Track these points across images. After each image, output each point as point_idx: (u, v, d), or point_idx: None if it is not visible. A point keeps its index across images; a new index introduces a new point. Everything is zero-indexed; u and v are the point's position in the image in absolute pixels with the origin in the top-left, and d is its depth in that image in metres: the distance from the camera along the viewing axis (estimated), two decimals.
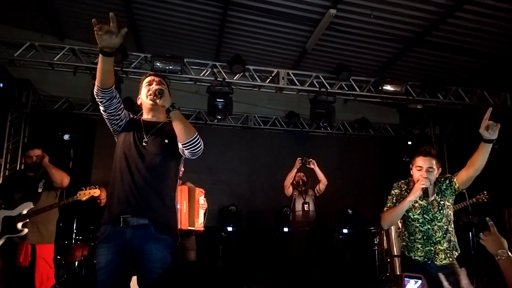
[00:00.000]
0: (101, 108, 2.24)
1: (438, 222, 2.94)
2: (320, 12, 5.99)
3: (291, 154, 7.01)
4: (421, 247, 2.95)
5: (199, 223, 4.35)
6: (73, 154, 6.74)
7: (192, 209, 4.28)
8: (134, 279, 2.16)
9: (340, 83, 6.83)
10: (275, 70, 6.71)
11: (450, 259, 2.92)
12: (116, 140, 2.36)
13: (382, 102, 7.50)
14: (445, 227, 2.95)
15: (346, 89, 6.93)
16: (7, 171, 7.19)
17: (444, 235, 2.94)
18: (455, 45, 6.55)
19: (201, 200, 4.42)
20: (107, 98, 2.18)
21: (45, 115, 7.57)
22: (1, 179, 7.09)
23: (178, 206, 3.00)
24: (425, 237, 2.94)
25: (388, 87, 6.68)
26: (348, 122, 8.70)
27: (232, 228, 7.47)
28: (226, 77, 6.49)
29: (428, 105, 7.16)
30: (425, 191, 2.86)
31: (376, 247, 6.48)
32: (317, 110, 6.71)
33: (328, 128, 7.83)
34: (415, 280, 2.16)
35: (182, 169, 2.55)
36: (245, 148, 8.39)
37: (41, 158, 4.06)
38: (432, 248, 2.92)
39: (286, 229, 7.39)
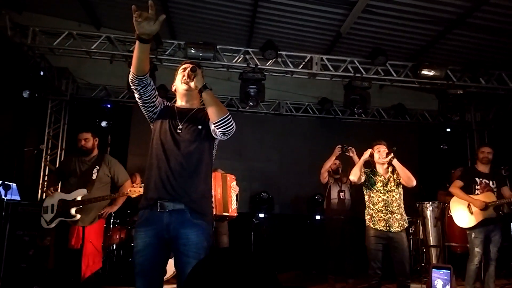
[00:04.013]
0: (136, 95, 2.29)
1: (395, 194, 3.94)
2: None
3: (323, 142, 6.92)
4: (383, 215, 3.87)
5: (233, 208, 4.45)
6: (110, 141, 6.93)
7: (226, 195, 4.38)
8: (171, 262, 2.20)
9: (376, 68, 6.66)
10: (308, 56, 6.60)
11: (401, 227, 3.88)
12: (152, 127, 2.40)
13: (419, 87, 7.25)
14: (399, 201, 3.95)
15: (382, 74, 6.75)
16: (48, 157, 7.52)
17: (398, 207, 3.91)
18: (497, 27, 6.21)
19: (233, 185, 4.55)
20: (142, 85, 2.23)
21: (83, 103, 7.82)
22: (43, 164, 7.44)
23: (213, 192, 3.04)
24: (385, 205, 3.89)
25: (427, 72, 6.46)
26: (383, 108, 8.47)
27: (264, 215, 7.51)
28: (258, 63, 6.45)
29: (469, 90, 6.86)
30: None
31: (411, 237, 6.33)
32: (351, 96, 6.57)
33: (362, 114, 7.68)
34: (444, 270, 2.10)
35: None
36: (277, 135, 8.35)
37: (92, 142, 4.25)
38: (390, 216, 3.86)
39: (318, 217, 7.35)
